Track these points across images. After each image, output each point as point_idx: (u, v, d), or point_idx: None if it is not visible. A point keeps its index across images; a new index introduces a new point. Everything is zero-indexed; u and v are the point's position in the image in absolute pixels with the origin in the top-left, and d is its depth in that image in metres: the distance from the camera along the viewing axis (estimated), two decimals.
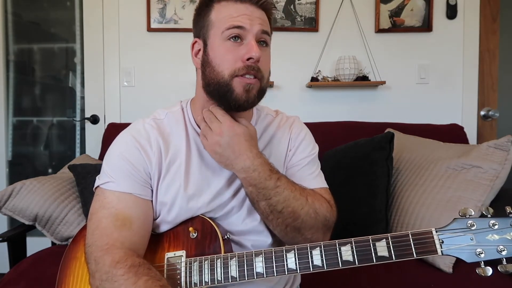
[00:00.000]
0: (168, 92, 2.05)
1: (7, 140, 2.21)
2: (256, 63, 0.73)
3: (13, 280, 1.14)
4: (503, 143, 1.18)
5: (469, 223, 0.62)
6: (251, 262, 0.68)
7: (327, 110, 2.04)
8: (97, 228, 0.72)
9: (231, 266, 0.68)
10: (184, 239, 0.76)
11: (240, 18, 0.73)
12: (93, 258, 0.69)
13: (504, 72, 2.07)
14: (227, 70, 0.73)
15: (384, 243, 0.64)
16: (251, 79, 0.74)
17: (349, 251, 0.65)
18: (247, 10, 0.74)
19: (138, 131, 0.80)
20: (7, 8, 2.18)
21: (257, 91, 0.76)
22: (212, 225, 0.75)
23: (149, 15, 2.02)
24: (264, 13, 0.77)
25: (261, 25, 0.74)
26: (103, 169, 0.78)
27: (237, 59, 0.73)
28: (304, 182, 0.83)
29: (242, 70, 0.73)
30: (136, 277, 0.64)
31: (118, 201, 0.74)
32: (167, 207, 0.78)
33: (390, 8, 2.01)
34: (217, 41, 0.75)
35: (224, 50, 0.74)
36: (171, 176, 0.78)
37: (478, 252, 0.60)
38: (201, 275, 0.70)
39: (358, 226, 1.29)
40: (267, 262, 0.67)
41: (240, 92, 0.74)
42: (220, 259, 0.70)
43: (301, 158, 0.86)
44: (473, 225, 0.62)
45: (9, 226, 2.19)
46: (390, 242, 0.63)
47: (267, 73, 0.79)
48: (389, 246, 0.63)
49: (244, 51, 0.73)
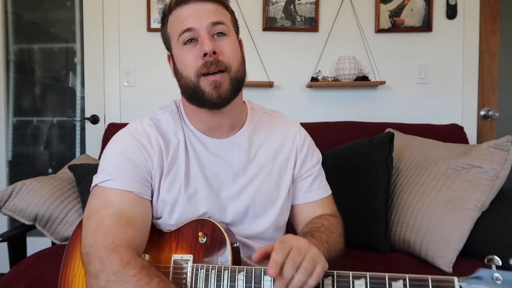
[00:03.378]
0: (168, 92, 2.03)
1: (7, 140, 2.21)
2: (214, 56, 0.72)
3: (13, 280, 1.14)
4: (503, 143, 1.18)
5: (495, 276, 0.57)
6: (259, 279, 0.65)
7: (327, 110, 2.04)
8: (99, 227, 0.70)
9: (238, 281, 0.66)
10: (192, 243, 0.74)
11: (188, 20, 0.73)
12: (97, 258, 0.66)
13: (504, 72, 2.07)
14: (191, 72, 0.74)
15: (401, 284, 0.59)
16: (215, 75, 0.73)
17: (362, 286, 0.60)
18: (192, 9, 0.74)
19: (137, 131, 0.79)
20: (7, 8, 2.18)
21: (229, 84, 0.74)
22: (222, 232, 0.73)
23: (149, 15, 2.02)
24: (213, 4, 0.75)
25: (209, 18, 0.73)
26: (101, 167, 0.77)
27: (196, 58, 0.73)
28: (316, 192, 0.88)
29: (203, 68, 0.73)
30: (148, 278, 0.63)
31: (120, 199, 0.72)
32: (169, 207, 0.77)
33: (390, 8, 2.01)
34: (177, 50, 0.77)
35: (183, 54, 0.75)
36: (173, 176, 0.78)
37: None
38: (207, 284, 0.68)
39: (358, 226, 1.29)
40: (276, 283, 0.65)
41: (210, 90, 0.73)
42: (228, 270, 0.67)
43: (309, 167, 0.88)
44: (499, 279, 0.56)
45: (9, 226, 2.19)
46: (407, 284, 0.59)
47: (235, 62, 0.76)
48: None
49: (199, 49, 0.73)
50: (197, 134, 0.82)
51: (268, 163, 0.84)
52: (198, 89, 0.74)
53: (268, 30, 2.02)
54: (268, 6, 2.01)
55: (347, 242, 0.87)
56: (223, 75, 0.73)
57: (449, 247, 1.10)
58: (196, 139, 0.82)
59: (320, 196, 0.89)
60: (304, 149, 0.88)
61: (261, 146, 0.85)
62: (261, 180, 0.82)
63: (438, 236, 1.13)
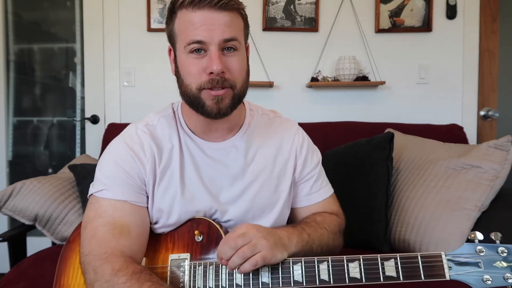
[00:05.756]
0: (168, 92, 2.04)
1: (7, 140, 2.21)
2: (221, 75, 0.70)
3: (13, 280, 1.14)
4: (503, 143, 1.18)
5: (478, 249, 0.63)
6: (256, 271, 0.66)
7: (327, 110, 2.04)
8: (93, 237, 0.71)
9: (236, 274, 0.67)
10: (189, 242, 0.75)
11: (199, 31, 0.69)
12: (91, 268, 0.68)
13: (504, 72, 2.07)
14: (193, 83, 0.72)
15: (392, 263, 0.64)
16: (218, 91, 0.71)
17: (356, 268, 0.64)
18: (207, 18, 0.69)
19: (131, 138, 0.79)
20: (7, 8, 2.18)
21: (231, 100, 0.73)
22: (218, 230, 0.74)
23: (149, 15, 2.02)
24: (229, 13, 0.70)
25: (223, 33, 0.69)
26: (96, 176, 0.77)
27: (201, 72, 0.71)
28: (318, 194, 0.87)
29: (208, 84, 0.71)
30: (138, 283, 0.64)
31: (114, 209, 0.73)
32: (166, 213, 0.77)
33: (390, 8, 2.01)
34: (182, 55, 0.73)
35: (188, 64, 0.72)
36: (167, 182, 0.78)
37: (485, 279, 0.61)
38: (205, 280, 0.69)
39: (358, 226, 1.29)
40: (273, 273, 0.66)
41: (211, 104, 0.72)
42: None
43: (310, 170, 0.88)
44: (482, 251, 0.62)
45: (9, 226, 2.19)
46: (398, 262, 0.63)
47: (240, 79, 0.74)
48: (397, 266, 0.63)
49: (206, 64, 0.70)
50: (194, 138, 0.81)
51: (267, 166, 0.83)
52: (198, 100, 0.73)
53: (268, 30, 2.02)
54: (268, 6, 2.01)
55: (346, 242, 0.87)
56: (226, 91, 0.72)
57: (449, 247, 1.10)
58: (193, 143, 0.81)
59: (322, 197, 0.89)
60: (304, 151, 0.87)
61: (259, 148, 0.84)
62: (260, 184, 0.82)
63: (438, 236, 1.13)
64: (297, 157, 0.86)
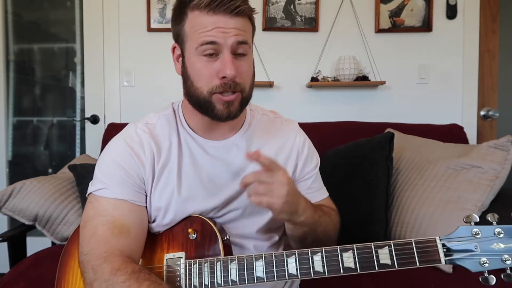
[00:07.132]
0: (168, 92, 2.04)
1: (7, 140, 2.21)
2: (233, 79, 0.71)
3: (13, 280, 1.14)
4: (503, 143, 1.18)
5: (474, 231, 0.60)
6: (251, 266, 0.67)
7: (327, 110, 2.04)
8: (93, 236, 0.71)
9: (231, 270, 0.67)
10: (183, 240, 0.75)
11: (213, 32, 0.69)
12: (90, 267, 0.68)
13: (504, 72, 2.07)
14: (205, 87, 0.72)
15: (386, 251, 0.63)
16: (229, 96, 0.72)
17: (350, 257, 0.64)
18: (221, 22, 0.69)
19: (131, 136, 0.79)
20: (7, 8, 2.18)
21: (240, 103, 0.74)
22: (211, 227, 0.75)
23: (149, 15, 2.02)
24: (241, 18, 0.71)
25: (237, 36, 0.70)
26: (95, 175, 0.77)
27: (213, 76, 0.71)
28: (314, 194, 0.88)
29: (219, 88, 0.71)
30: (137, 283, 0.64)
31: (113, 208, 0.73)
32: (162, 211, 0.77)
33: (390, 8, 2.01)
34: (193, 56, 0.72)
35: (199, 66, 0.72)
36: (164, 180, 0.78)
37: (482, 262, 0.59)
38: (201, 278, 0.69)
39: (358, 226, 1.29)
40: (267, 266, 0.67)
41: (221, 108, 0.73)
42: (220, 262, 0.69)
43: (310, 170, 0.89)
44: (478, 233, 0.60)
45: (9, 226, 2.19)
46: (392, 249, 0.62)
47: (249, 82, 0.76)
48: (391, 253, 0.62)
49: (219, 67, 0.70)
50: (194, 136, 0.82)
51: None
52: (208, 103, 0.73)
53: (268, 30, 2.03)
54: (268, 6, 2.01)
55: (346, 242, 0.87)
56: (236, 95, 0.73)
57: None
58: (193, 141, 0.81)
59: (319, 198, 0.89)
60: (305, 150, 0.88)
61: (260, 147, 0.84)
62: None
63: (438, 236, 1.13)
64: (299, 156, 0.87)
